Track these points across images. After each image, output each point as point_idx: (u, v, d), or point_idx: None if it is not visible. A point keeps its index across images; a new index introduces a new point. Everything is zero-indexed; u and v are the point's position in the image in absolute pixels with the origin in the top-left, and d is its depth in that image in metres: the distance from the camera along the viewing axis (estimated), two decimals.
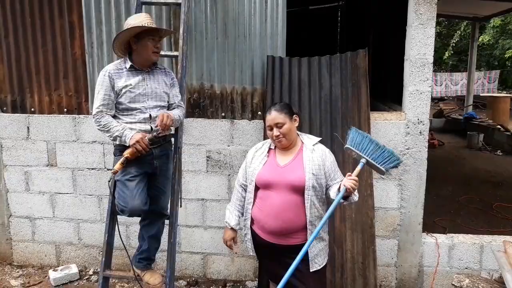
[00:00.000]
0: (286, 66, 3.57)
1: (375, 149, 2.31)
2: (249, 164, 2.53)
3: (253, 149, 2.59)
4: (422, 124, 3.48)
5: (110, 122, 2.66)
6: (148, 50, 2.67)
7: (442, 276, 3.65)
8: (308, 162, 2.38)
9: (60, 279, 3.82)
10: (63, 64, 3.79)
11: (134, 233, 3.82)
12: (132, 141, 2.59)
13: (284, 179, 2.37)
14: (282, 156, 2.47)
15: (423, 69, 3.42)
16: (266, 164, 2.45)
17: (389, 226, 3.63)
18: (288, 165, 2.41)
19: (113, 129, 2.65)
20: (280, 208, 2.35)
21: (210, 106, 3.68)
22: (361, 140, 2.32)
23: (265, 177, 2.41)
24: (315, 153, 2.42)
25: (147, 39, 2.64)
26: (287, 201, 2.35)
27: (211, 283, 3.86)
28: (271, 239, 2.42)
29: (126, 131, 2.63)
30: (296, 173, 2.36)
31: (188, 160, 3.70)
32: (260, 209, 2.44)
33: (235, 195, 2.64)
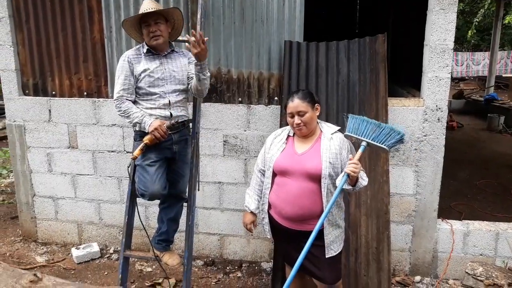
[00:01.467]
0: (304, 51, 3.55)
1: (373, 128, 2.30)
2: (268, 150, 2.56)
3: (272, 136, 2.62)
4: (441, 111, 3.45)
5: (130, 108, 2.72)
6: (146, 36, 2.73)
7: (456, 262, 3.68)
8: (325, 151, 2.40)
9: (82, 256, 3.97)
10: (83, 48, 3.84)
11: (153, 214, 3.93)
12: (151, 128, 2.65)
13: (301, 167, 2.40)
14: (300, 143, 2.49)
15: (443, 55, 3.36)
16: (284, 151, 2.48)
17: (404, 212, 3.65)
18: (306, 153, 2.44)
19: (132, 115, 2.71)
20: (296, 195, 2.39)
21: (227, 91, 3.70)
22: (358, 124, 2.34)
23: (282, 164, 2.45)
24: (333, 142, 2.43)
25: (143, 27, 2.72)
26: (304, 189, 2.39)
27: (227, 263, 3.97)
28: (287, 224, 2.48)
29: (145, 118, 2.69)
30: (313, 161, 2.39)
31: (205, 144, 3.76)
32: (277, 195, 2.49)
33: (254, 180, 2.70)
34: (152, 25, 2.70)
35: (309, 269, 2.52)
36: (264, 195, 2.59)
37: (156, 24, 2.71)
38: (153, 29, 2.70)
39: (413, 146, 3.53)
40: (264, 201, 2.60)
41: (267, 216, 2.59)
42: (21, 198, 4.29)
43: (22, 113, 4.06)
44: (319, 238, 2.41)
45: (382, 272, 3.41)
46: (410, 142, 3.52)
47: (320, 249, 2.46)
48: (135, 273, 3.79)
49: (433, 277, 3.74)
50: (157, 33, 2.71)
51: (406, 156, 3.55)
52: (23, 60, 3.98)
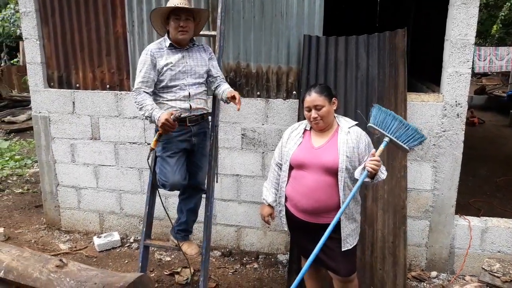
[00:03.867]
0: (323, 46, 3.56)
1: (398, 126, 2.29)
2: (285, 144, 2.60)
3: (289, 130, 2.65)
4: (460, 106, 3.43)
5: (144, 100, 2.73)
6: (174, 30, 2.78)
7: (473, 258, 3.66)
8: (342, 145, 2.42)
9: (104, 245, 4.10)
10: (106, 42, 3.93)
11: (172, 204, 4.01)
12: (159, 123, 2.65)
13: (317, 161, 2.43)
14: (317, 137, 2.52)
15: (463, 50, 3.33)
16: (301, 145, 2.52)
17: (421, 207, 3.65)
18: (323, 147, 2.47)
19: (144, 108, 2.72)
20: (313, 188, 2.43)
21: (246, 85, 3.74)
22: (384, 117, 2.31)
23: (299, 157, 2.49)
24: (350, 136, 2.45)
25: (172, 19, 2.76)
26: (320, 182, 2.42)
27: (244, 254, 4.03)
28: (303, 217, 2.52)
29: (154, 111, 2.68)
30: (330, 155, 2.42)
31: (224, 138, 3.82)
32: (293, 188, 2.53)
33: (271, 173, 2.75)
34: (183, 20, 2.77)
35: (325, 262, 2.57)
36: (281, 188, 2.63)
37: (186, 20, 2.79)
38: (183, 24, 2.78)
39: (432, 142, 3.52)
40: (281, 194, 2.64)
41: (284, 209, 2.64)
42: (45, 187, 4.43)
43: (47, 105, 4.19)
44: (336, 231, 2.44)
45: (398, 267, 3.42)
46: (429, 138, 3.51)
47: (336, 242, 2.50)
48: (154, 262, 3.89)
49: (450, 273, 3.73)
50: (186, 29, 2.79)
51: (424, 151, 3.54)
52: (48, 53, 4.10)
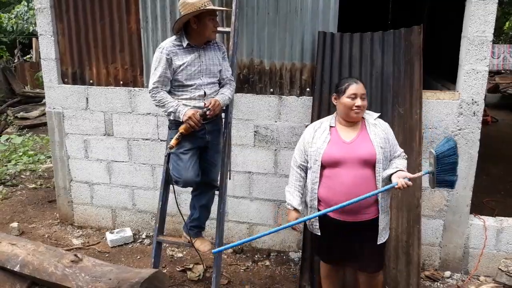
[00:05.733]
0: (337, 42, 3.53)
1: (449, 169, 2.33)
2: (310, 144, 2.53)
3: (311, 129, 2.59)
4: (477, 104, 3.38)
5: (165, 98, 2.79)
6: (209, 30, 2.76)
7: (488, 259, 3.61)
8: (374, 136, 2.44)
9: (116, 241, 4.12)
10: (119, 38, 3.94)
11: (184, 201, 4.01)
12: (185, 117, 2.71)
13: (354, 155, 2.41)
14: (346, 132, 2.50)
15: (481, 47, 3.28)
16: (330, 142, 2.47)
17: (435, 206, 3.61)
18: (355, 140, 2.46)
19: (168, 105, 2.77)
20: (351, 184, 2.40)
21: (259, 81, 3.73)
22: (447, 153, 2.32)
23: (333, 154, 2.44)
24: (378, 127, 2.48)
25: (207, 19, 2.73)
26: (359, 176, 2.41)
27: (255, 251, 4.03)
28: (342, 217, 2.47)
29: (180, 107, 2.75)
30: (366, 147, 2.42)
31: (237, 135, 3.81)
32: (328, 188, 2.47)
33: (293, 176, 2.66)
34: (215, 19, 2.78)
35: (356, 259, 2.57)
36: (313, 191, 2.54)
37: (217, 20, 2.82)
38: (217, 24, 2.80)
39: None
40: (313, 196, 2.55)
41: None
42: (59, 182, 4.47)
43: (61, 101, 4.22)
44: (373, 226, 2.48)
45: (411, 266, 3.39)
46: (444, 136, 3.45)
47: (373, 234, 2.51)
48: (167, 258, 3.90)
49: (464, 273, 3.69)
50: (217, 28, 2.84)
51: None
52: (62, 49, 4.12)
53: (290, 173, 2.69)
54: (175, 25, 2.77)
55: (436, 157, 2.31)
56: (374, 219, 2.48)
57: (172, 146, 2.74)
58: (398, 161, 2.52)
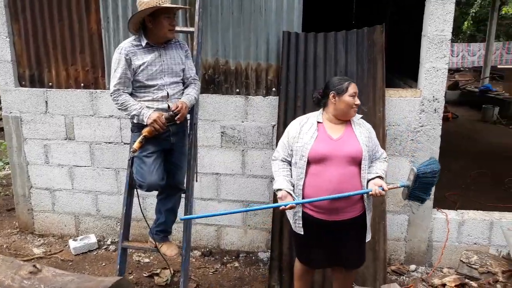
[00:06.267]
0: (302, 42, 3.55)
1: (425, 188, 2.43)
2: (296, 139, 2.50)
3: (297, 124, 2.57)
4: (438, 101, 3.47)
5: (127, 101, 2.71)
6: (164, 28, 2.68)
7: (450, 251, 3.72)
8: (359, 135, 2.49)
9: (80, 248, 3.98)
10: (80, 39, 3.81)
11: (150, 205, 3.93)
12: (150, 120, 2.65)
13: (341, 152, 2.42)
14: (333, 129, 2.51)
15: (440, 45, 3.37)
16: (318, 138, 2.47)
17: (400, 201, 3.68)
18: (342, 138, 2.48)
19: (130, 108, 2.70)
20: (338, 181, 2.40)
21: (225, 82, 3.70)
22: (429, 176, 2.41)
23: (321, 150, 2.43)
24: (362, 127, 2.54)
25: (162, 18, 2.65)
26: (345, 173, 2.42)
27: (224, 253, 4.00)
28: (326, 217, 2.47)
29: (143, 110, 2.69)
30: (352, 145, 2.45)
31: (203, 136, 3.76)
32: (313, 186, 2.45)
33: (277, 167, 2.57)
34: (172, 18, 2.71)
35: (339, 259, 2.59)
36: (297, 187, 2.50)
37: (174, 19, 2.75)
38: (173, 22, 2.73)
39: (410, 137, 3.55)
40: (297, 193, 2.50)
41: (300, 210, 2.52)
42: (17, 190, 4.28)
43: (19, 105, 4.04)
44: (357, 224, 2.52)
45: (378, 262, 3.45)
46: (407, 133, 3.54)
47: (356, 235, 2.56)
48: (133, 264, 3.81)
49: (428, 265, 3.79)
50: (175, 27, 2.76)
51: (402, 146, 3.57)
52: (19, 51, 3.95)
53: (273, 168, 2.61)
54: (129, 24, 2.69)
55: (416, 176, 2.39)
56: (357, 217, 2.51)
57: (135, 149, 2.67)
58: (379, 164, 2.56)
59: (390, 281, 3.53)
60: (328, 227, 2.48)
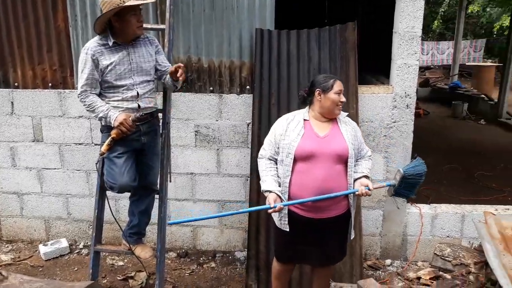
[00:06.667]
0: (275, 39, 3.53)
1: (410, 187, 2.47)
2: (282, 136, 2.49)
3: (284, 121, 2.55)
4: (409, 97, 3.52)
5: (94, 102, 2.62)
6: (132, 26, 2.61)
7: (424, 244, 3.79)
8: (345, 133, 2.49)
9: (51, 253, 3.86)
10: (46, 38, 3.68)
11: (123, 207, 3.84)
12: (116, 122, 2.57)
13: (328, 149, 2.42)
14: (320, 127, 2.50)
15: (411, 42, 3.42)
16: (305, 136, 2.45)
17: (374, 197, 3.72)
18: (328, 135, 2.47)
19: (98, 109, 2.62)
20: (324, 179, 2.40)
21: (198, 80, 3.65)
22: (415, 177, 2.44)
23: (307, 148, 2.42)
24: (348, 125, 2.54)
25: (129, 16, 2.57)
26: (331, 171, 2.42)
27: (200, 254, 3.95)
28: (311, 214, 2.46)
29: (110, 112, 2.60)
30: (339, 143, 2.45)
31: (176, 135, 3.70)
32: (299, 184, 2.44)
33: (264, 166, 2.55)
34: (139, 14, 2.63)
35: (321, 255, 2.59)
36: (284, 184, 2.48)
37: (141, 14, 2.66)
38: (141, 18, 2.65)
39: (383, 133, 3.59)
40: (283, 190, 2.48)
41: (286, 207, 2.50)
42: None
43: None
44: (342, 221, 2.55)
45: (354, 257, 3.47)
46: (380, 129, 3.58)
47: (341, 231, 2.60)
48: (107, 268, 3.71)
49: (403, 259, 3.84)
50: (143, 22, 2.68)
51: (376, 142, 3.61)
52: None
53: (259, 167, 2.59)
54: (95, 25, 2.60)
55: (403, 177, 2.42)
56: (342, 215, 2.51)
57: (102, 152, 2.59)
58: (365, 163, 2.57)
59: (367, 276, 3.56)
60: (313, 224, 2.48)
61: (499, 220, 2.81)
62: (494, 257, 2.32)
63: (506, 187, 5.48)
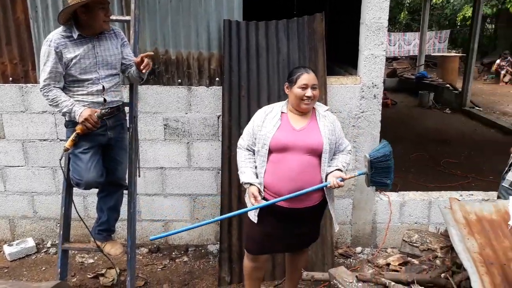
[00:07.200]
0: (243, 30, 3.51)
1: (383, 172, 2.45)
2: (259, 128, 2.49)
3: (262, 113, 2.54)
4: (377, 88, 3.57)
5: (58, 97, 2.53)
6: (99, 20, 2.53)
7: (393, 231, 3.88)
8: (323, 127, 2.47)
9: (16, 253, 3.73)
10: (5, 30, 3.52)
11: (92, 203, 3.75)
12: (81, 118, 2.50)
13: (302, 142, 2.41)
14: (296, 120, 2.49)
15: (378, 33, 3.46)
16: (280, 128, 2.45)
17: (344, 186, 3.72)
18: (305, 129, 2.46)
19: (61, 104, 2.53)
20: (297, 170, 2.41)
21: (166, 72, 3.58)
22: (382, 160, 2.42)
23: (282, 140, 2.42)
24: (327, 119, 2.52)
25: (97, 9, 2.49)
26: (305, 163, 2.42)
27: (173, 248, 3.91)
28: (287, 204, 2.46)
29: (74, 107, 2.52)
30: (314, 137, 2.44)
31: (145, 129, 3.63)
32: (273, 174, 2.45)
33: (242, 157, 2.56)
34: (107, 8, 2.54)
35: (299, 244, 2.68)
36: (259, 174, 2.50)
37: (109, 9, 2.59)
38: (108, 13, 2.57)
39: (351, 123, 3.64)
40: (259, 181, 2.49)
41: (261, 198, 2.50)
42: None
43: None
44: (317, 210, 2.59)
45: (326, 246, 3.52)
46: (348, 119, 3.62)
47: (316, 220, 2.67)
48: (76, 266, 3.63)
49: (373, 247, 3.93)
50: (110, 17, 2.61)
51: (345, 132, 3.60)
52: None
53: (238, 157, 2.59)
54: (60, 16, 2.49)
55: (370, 162, 2.43)
56: (316, 205, 2.53)
57: (67, 148, 2.51)
58: (342, 157, 2.57)
59: (338, 264, 3.62)
60: (288, 214, 2.50)
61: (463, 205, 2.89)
62: (459, 241, 2.39)
63: (470, 173, 5.68)
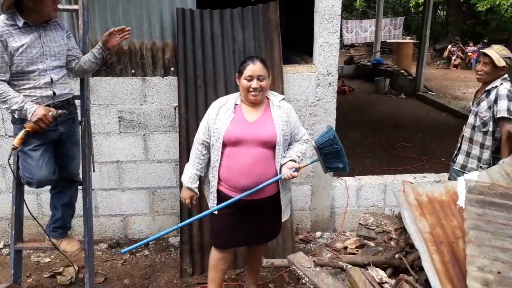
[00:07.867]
0: (198, 19, 3.46)
1: (334, 156, 2.44)
2: (213, 121, 2.45)
3: (216, 105, 2.50)
4: (332, 75, 3.62)
5: (6, 92, 2.37)
6: (48, 7, 2.41)
7: (351, 215, 3.99)
8: (277, 119, 2.45)
9: None
10: None
11: (46, 201, 3.62)
12: (34, 118, 2.36)
13: (255, 135, 2.39)
14: (250, 112, 2.46)
15: (331, 21, 3.50)
16: (233, 121, 2.42)
17: (303, 173, 3.81)
18: (258, 121, 2.44)
19: (10, 101, 2.37)
20: (251, 163, 2.40)
21: (118, 63, 3.48)
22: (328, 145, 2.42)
23: (234, 133, 2.39)
24: (281, 110, 2.49)
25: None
26: (258, 156, 2.41)
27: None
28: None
29: (26, 104, 2.38)
30: (266, 129, 2.41)
31: (99, 122, 3.53)
32: (228, 168, 2.44)
33: (193, 154, 2.56)
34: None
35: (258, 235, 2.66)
36: (214, 169, 2.48)
37: None
38: (58, 1, 2.46)
39: (308, 111, 3.68)
40: (214, 174, 2.49)
41: (215, 191, 2.51)
42: None
43: None
44: (274, 202, 2.56)
45: (286, 232, 3.57)
46: (305, 107, 3.67)
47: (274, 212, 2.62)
48: (31, 266, 3.51)
49: (332, 231, 4.03)
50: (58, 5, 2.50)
51: (302, 120, 3.68)
52: None
53: (191, 150, 2.58)
54: (3, 3, 2.34)
55: (317, 148, 2.45)
56: (272, 196, 2.54)
57: (15, 147, 2.38)
58: (297, 147, 2.56)
59: (298, 249, 3.68)
60: (246, 207, 2.50)
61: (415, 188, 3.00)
62: (411, 223, 2.48)
63: (424, 156, 5.92)
